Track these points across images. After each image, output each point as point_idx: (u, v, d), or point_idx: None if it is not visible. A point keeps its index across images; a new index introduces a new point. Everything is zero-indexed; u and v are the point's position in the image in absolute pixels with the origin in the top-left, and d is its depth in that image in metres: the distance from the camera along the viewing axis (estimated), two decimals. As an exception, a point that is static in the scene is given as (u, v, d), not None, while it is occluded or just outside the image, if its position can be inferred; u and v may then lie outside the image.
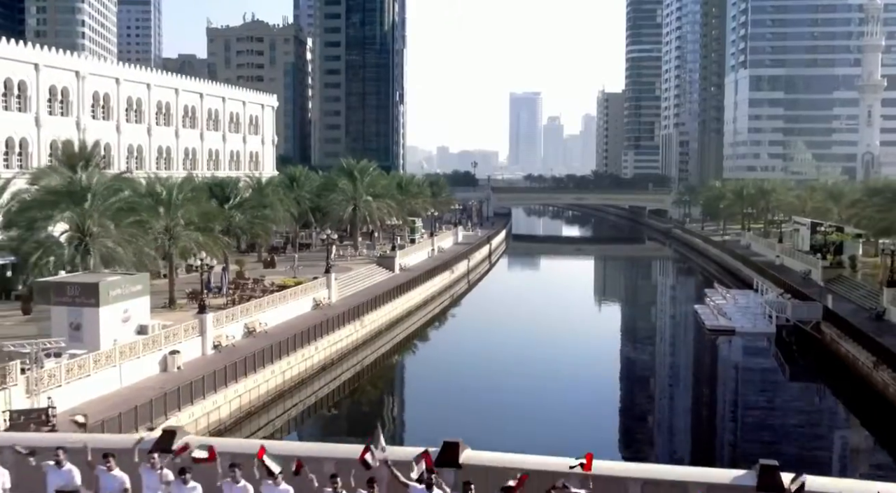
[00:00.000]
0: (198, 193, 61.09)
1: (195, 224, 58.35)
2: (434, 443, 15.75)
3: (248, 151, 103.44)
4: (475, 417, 46.57)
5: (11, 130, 63.70)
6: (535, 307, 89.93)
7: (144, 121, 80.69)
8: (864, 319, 61.99)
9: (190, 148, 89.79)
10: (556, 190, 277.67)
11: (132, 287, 45.27)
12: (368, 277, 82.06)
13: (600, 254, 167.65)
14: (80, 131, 69.78)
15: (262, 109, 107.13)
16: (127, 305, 44.68)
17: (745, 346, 67.70)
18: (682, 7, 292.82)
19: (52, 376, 37.39)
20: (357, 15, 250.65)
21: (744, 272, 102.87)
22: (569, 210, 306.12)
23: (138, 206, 50.43)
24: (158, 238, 54.37)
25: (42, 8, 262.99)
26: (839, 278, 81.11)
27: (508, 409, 48.93)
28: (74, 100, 69.95)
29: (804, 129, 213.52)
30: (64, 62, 69.24)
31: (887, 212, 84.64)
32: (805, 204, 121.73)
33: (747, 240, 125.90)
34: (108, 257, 48.03)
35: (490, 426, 43.84)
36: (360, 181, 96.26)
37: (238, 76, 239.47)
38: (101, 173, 51.96)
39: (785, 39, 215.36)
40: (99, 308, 42.26)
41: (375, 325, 67.43)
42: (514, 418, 47.17)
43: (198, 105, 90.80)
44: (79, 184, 48.11)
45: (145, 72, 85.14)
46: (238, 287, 64.96)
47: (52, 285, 43.24)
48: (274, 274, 75.17)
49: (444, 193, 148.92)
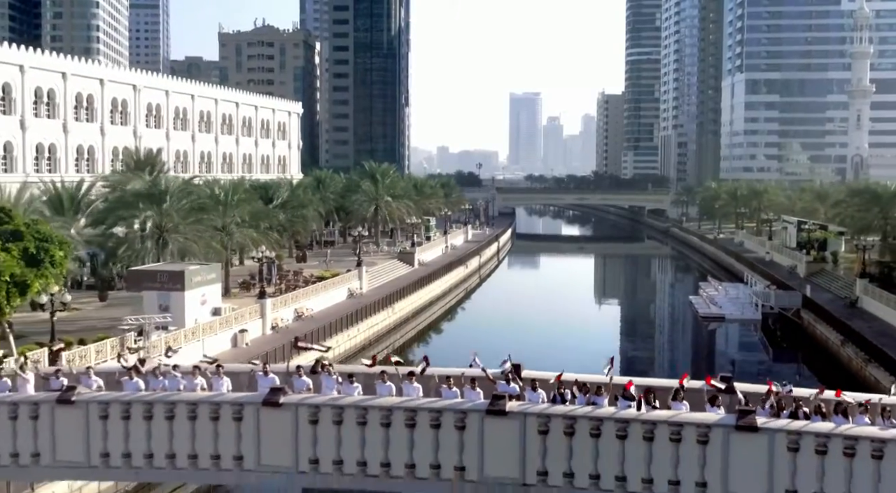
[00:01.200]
0: (248, 194, 69.02)
1: (246, 222, 66.34)
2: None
3: (277, 155, 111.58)
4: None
5: (81, 138, 71.64)
6: (543, 298, 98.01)
7: (189, 128, 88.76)
8: (839, 306, 70.06)
9: (227, 153, 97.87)
10: (557, 190, 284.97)
11: (208, 275, 53.29)
12: (392, 270, 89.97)
13: (601, 252, 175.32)
14: (136, 139, 77.78)
15: (288, 115, 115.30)
16: (204, 290, 52.67)
17: (734, 330, 76.10)
18: (680, 12, 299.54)
19: (154, 346, 45.33)
20: (364, 20, 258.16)
21: (736, 267, 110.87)
22: (569, 210, 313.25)
23: (206, 206, 58.32)
24: (218, 234, 62.23)
25: (58, 14, 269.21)
26: (821, 272, 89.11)
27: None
28: (132, 111, 77.96)
29: (798, 131, 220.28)
30: (124, 77, 77.28)
31: (866, 212, 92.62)
32: (794, 204, 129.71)
33: (740, 238, 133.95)
34: (183, 250, 55.94)
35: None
36: (381, 183, 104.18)
37: (249, 80, 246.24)
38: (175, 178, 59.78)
39: (780, 44, 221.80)
40: (184, 292, 50.20)
41: (404, 312, 75.56)
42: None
43: (234, 113, 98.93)
44: (158, 187, 55.93)
45: (189, 84, 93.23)
46: (283, 278, 72.92)
47: (144, 273, 51.22)
48: (306, 268, 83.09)
49: (455, 193, 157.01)
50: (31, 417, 22.56)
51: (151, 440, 22.08)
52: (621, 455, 20.19)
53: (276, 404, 21.40)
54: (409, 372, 22.65)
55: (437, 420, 20.87)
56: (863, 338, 56.60)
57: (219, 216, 61.28)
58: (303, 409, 21.45)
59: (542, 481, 20.64)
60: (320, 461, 21.49)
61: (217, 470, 22.09)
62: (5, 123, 67.73)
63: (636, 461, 20.13)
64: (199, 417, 21.84)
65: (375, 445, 21.14)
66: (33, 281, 34.67)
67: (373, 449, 21.14)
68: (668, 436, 19.91)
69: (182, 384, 22.94)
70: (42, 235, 36.50)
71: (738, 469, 19.68)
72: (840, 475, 19.04)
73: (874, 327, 61.02)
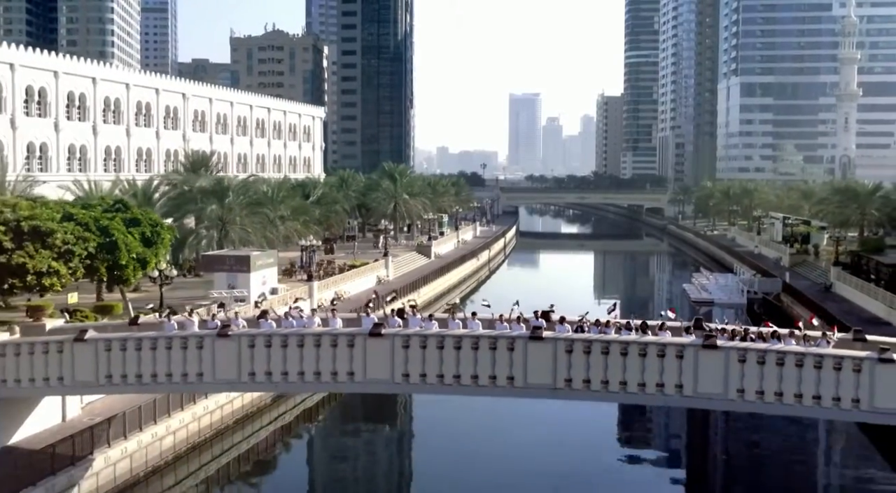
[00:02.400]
0: (291, 192, 77.89)
1: (289, 216, 75.17)
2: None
3: (303, 156, 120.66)
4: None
5: (140, 142, 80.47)
6: (549, 288, 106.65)
7: (228, 132, 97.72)
8: (815, 291, 78.97)
9: (260, 154, 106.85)
10: (559, 190, 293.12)
11: (267, 260, 62.17)
12: (412, 261, 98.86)
13: (601, 249, 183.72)
14: (185, 143, 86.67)
15: (313, 120, 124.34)
16: (265, 273, 61.53)
17: (721, 313, 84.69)
18: (678, 16, 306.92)
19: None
20: (372, 25, 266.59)
21: (727, 260, 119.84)
22: (569, 209, 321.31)
23: (263, 201, 67.17)
24: (269, 225, 71.06)
25: (73, 18, 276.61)
26: (803, 262, 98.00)
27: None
28: (181, 116, 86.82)
29: (792, 132, 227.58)
30: (174, 86, 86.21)
31: (844, 208, 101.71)
32: (782, 202, 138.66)
33: (732, 234, 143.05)
34: (243, 239, 64.77)
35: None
36: (399, 182, 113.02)
37: (259, 83, 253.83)
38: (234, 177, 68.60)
39: (773, 49, 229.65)
40: (250, 274, 59.05)
41: (428, 296, 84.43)
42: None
43: (266, 118, 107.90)
44: (221, 185, 64.76)
45: (229, 91, 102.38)
46: (318, 266, 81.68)
47: (215, 258, 60.08)
48: (335, 258, 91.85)
49: (464, 192, 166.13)
50: (197, 347, 31.41)
51: (286, 362, 30.90)
52: (623, 367, 29.04)
53: (378, 335, 30.25)
54: (472, 312, 31.48)
55: (494, 345, 29.73)
56: (831, 315, 65.34)
57: (271, 210, 70.04)
58: (397, 338, 30.29)
59: (568, 386, 29.51)
60: (409, 376, 30.30)
61: (335, 383, 30.93)
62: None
63: (634, 371, 28.98)
64: (322, 345, 30.66)
65: (449, 363, 29.96)
66: (151, 258, 43.42)
67: (448, 366, 29.96)
68: (655, 353, 28.76)
69: (304, 323, 31.78)
70: (154, 221, 45.28)
71: (704, 375, 28.55)
72: (773, 377, 27.90)
73: (843, 307, 69.85)
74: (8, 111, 66.31)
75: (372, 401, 48.99)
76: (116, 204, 45.83)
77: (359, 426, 49.73)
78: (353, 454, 44.40)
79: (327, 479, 41.99)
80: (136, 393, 34.87)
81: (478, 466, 40.35)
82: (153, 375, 31.59)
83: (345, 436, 47.52)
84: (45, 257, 35.99)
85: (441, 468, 40.99)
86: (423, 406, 49.89)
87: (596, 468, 41.87)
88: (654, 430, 51.02)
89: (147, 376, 31.67)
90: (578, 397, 30.66)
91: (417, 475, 41.71)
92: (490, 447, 42.77)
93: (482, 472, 39.52)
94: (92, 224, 40.92)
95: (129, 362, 31.68)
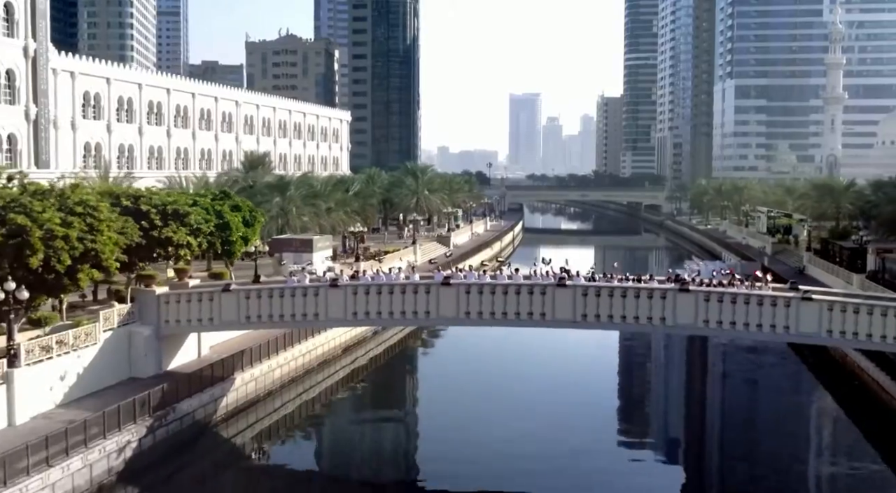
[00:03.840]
0: (336, 186, 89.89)
1: (334, 208, 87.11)
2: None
3: (333, 156, 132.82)
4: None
5: (204, 144, 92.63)
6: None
7: (272, 134, 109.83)
8: (791, 273, 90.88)
9: (297, 154, 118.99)
10: (562, 188, 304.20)
11: (325, 243, 74.27)
12: (435, 250, 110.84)
13: (602, 244, 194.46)
14: (237, 145, 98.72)
15: (341, 123, 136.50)
16: (323, 253, 73.58)
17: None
18: (675, 20, 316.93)
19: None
20: (382, 29, 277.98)
21: (717, 250, 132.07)
22: (570, 207, 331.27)
23: (318, 194, 79.13)
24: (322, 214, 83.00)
25: (93, 23, 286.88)
26: (784, 250, 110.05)
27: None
28: (235, 121, 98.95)
29: (784, 133, 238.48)
30: (228, 94, 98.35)
31: (821, 202, 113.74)
32: (768, 198, 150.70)
33: (724, 227, 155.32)
34: (303, 226, 76.72)
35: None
36: (421, 179, 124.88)
37: (273, 86, 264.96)
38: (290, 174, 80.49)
39: (767, 53, 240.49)
40: (313, 254, 71.08)
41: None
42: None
43: (302, 121, 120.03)
44: (283, 180, 76.72)
45: (272, 97, 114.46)
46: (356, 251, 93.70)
47: (283, 241, 72.13)
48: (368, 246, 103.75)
49: (475, 189, 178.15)
50: (314, 294, 43.46)
51: (381, 304, 42.94)
52: (623, 305, 41.07)
53: (448, 284, 42.32)
54: (515, 268, 43.46)
55: (532, 290, 41.78)
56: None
57: (323, 202, 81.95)
58: (462, 287, 42.36)
59: (584, 319, 41.57)
60: (470, 313, 42.34)
61: (416, 318, 43.04)
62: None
63: (631, 308, 41.02)
64: (407, 292, 42.72)
65: (500, 303, 41.99)
66: (251, 237, 55.40)
67: (499, 305, 41.99)
68: (647, 295, 40.81)
69: (393, 277, 43.86)
70: (250, 206, 57.26)
71: (680, 310, 40.62)
72: (729, 311, 39.97)
73: (811, 284, 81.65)
74: (104, 118, 78.48)
75: (435, 339, 67.38)
76: (221, 194, 57.71)
77: (428, 351, 70.59)
78: (426, 371, 63.17)
79: (404, 382, 59.59)
80: (267, 329, 47.14)
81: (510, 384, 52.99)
82: (280, 315, 43.69)
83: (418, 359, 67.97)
84: (183, 233, 47.65)
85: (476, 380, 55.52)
86: (472, 337, 64.81)
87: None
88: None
89: (276, 317, 43.77)
90: (592, 327, 42.88)
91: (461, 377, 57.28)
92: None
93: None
94: (211, 209, 52.66)
95: (263, 306, 43.78)
